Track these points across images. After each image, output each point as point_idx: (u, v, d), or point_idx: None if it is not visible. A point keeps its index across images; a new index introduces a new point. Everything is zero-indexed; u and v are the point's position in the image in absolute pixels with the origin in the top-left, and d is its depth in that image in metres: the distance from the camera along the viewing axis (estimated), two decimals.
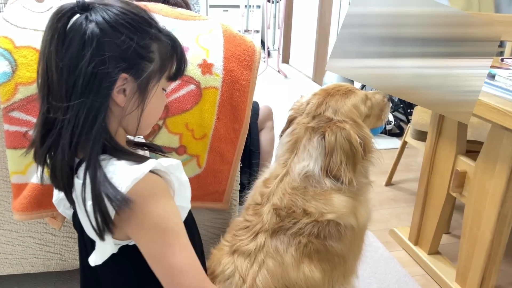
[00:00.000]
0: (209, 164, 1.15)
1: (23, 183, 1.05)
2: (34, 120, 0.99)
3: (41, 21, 1.02)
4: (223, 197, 1.21)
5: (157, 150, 0.94)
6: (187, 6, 1.44)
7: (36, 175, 1.04)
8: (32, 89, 0.97)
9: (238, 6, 5.27)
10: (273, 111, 1.78)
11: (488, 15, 2.30)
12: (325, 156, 0.98)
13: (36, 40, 0.99)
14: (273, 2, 5.23)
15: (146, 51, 0.72)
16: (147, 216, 0.70)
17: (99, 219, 0.68)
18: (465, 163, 1.52)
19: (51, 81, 0.70)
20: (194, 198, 1.18)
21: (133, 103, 0.74)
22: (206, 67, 1.08)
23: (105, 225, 0.69)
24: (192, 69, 1.07)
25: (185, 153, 1.11)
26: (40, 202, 1.05)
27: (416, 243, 1.82)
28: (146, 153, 0.95)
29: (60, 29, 0.69)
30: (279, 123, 1.12)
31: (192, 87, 1.08)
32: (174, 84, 1.06)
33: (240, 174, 1.36)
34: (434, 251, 1.77)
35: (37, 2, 1.05)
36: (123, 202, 0.67)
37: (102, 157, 0.72)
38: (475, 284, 1.49)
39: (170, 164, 0.75)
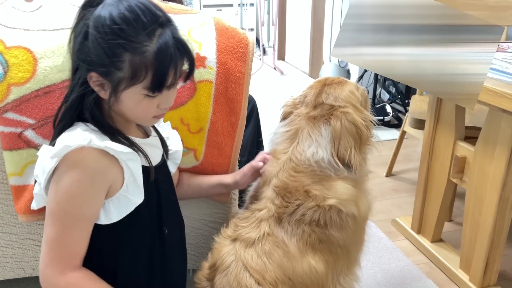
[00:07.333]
0: (207, 158, 1.14)
1: (20, 185, 1.04)
2: (28, 120, 0.98)
3: (31, 20, 1.01)
4: None
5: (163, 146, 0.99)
6: (180, 0, 1.43)
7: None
8: (25, 89, 0.96)
9: (231, 5, 5.26)
10: (271, 108, 1.78)
11: (482, 0, 2.30)
12: (333, 142, 0.98)
13: (26, 39, 0.98)
14: None
15: (114, 58, 0.75)
16: (55, 180, 0.78)
17: None
18: (464, 149, 1.51)
19: None
20: None
21: (108, 98, 0.80)
22: (199, 61, 1.07)
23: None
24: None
25: (182, 146, 1.11)
26: None
27: (418, 232, 1.82)
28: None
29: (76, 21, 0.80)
30: (276, 120, 1.13)
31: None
32: None
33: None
34: (437, 239, 1.76)
35: (26, 1, 1.04)
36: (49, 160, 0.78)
37: (85, 124, 0.82)
38: (479, 269, 1.49)
39: (121, 151, 0.79)
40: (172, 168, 1.04)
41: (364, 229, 1.08)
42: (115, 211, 0.83)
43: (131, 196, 0.83)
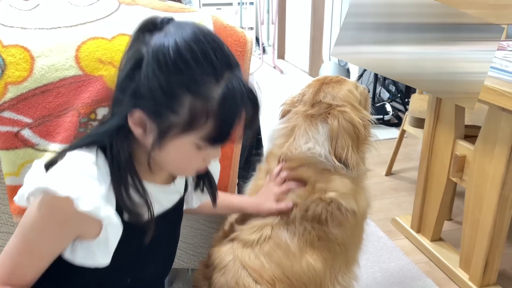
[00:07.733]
0: None
1: (17, 185, 1.04)
2: (25, 119, 0.98)
3: (28, 19, 1.01)
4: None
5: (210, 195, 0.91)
6: None
7: None
8: (22, 88, 0.96)
9: (231, 4, 5.25)
10: (271, 107, 1.78)
11: None
12: (330, 141, 0.98)
13: (23, 38, 0.98)
14: None
15: (172, 98, 0.64)
16: (35, 204, 0.69)
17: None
18: (464, 147, 1.51)
19: None
20: None
21: (148, 142, 0.69)
22: None
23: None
24: None
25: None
26: None
27: (418, 231, 1.81)
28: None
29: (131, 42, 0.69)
30: (276, 119, 1.13)
31: None
32: None
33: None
34: (437, 238, 1.76)
35: (24, 0, 1.04)
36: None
37: (97, 156, 0.71)
38: (479, 268, 1.49)
39: (107, 215, 0.68)
40: (195, 204, 0.97)
41: (362, 227, 1.08)
42: (80, 255, 0.74)
43: (98, 253, 0.73)
